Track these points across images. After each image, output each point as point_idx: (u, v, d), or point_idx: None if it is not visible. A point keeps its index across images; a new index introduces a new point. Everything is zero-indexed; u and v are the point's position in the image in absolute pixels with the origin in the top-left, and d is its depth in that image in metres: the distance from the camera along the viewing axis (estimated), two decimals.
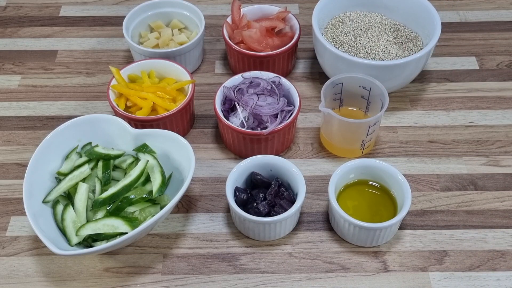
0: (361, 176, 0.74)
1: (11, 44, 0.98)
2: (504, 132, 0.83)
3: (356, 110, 0.83)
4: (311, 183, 0.77)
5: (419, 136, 0.83)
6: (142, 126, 0.77)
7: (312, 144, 0.83)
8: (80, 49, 0.97)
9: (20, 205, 0.74)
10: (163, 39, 0.91)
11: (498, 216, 0.74)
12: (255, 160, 0.73)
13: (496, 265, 0.69)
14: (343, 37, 0.88)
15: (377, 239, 0.69)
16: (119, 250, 0.71)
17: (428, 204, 0.75)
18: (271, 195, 0.70)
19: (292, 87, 0.80)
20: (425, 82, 0.91)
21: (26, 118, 0.86)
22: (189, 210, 0.75)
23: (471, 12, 1.03)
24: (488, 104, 0.87)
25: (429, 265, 0.69)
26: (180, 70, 0.83)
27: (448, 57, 0.95)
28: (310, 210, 0.75)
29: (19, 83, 0.91)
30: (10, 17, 1.04)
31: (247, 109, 0.77)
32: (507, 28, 1.00)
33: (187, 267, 0.69)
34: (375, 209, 0.72)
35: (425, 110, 0.87)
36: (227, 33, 0.89)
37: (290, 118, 0.77)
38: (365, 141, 0.78)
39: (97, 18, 1.04)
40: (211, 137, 0.84)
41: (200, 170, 0.79)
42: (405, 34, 0.89)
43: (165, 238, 0.72)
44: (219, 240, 0.72)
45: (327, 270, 0.69)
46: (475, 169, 0.79)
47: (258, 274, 0.69)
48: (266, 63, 0.87)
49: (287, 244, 0.71)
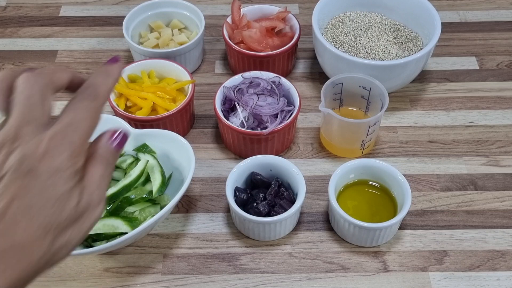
0: (361, 176, 0.74)
1: (11, 44, 0.98)
2: (504, 132, 0.83)
3: (356, 110, 0.83)
4: (311, 183, 0.77)
5: (419, 136, 0.83)
6: (142, 126, 0.77)
7: (312, 144, 0.83)
8: (80, 49, 0.97)
9: None
10: (163, 39, 0.91)
11: (498, 216, 0.74)
12: (255, 160, 0.73)
13: (496, 265, 0.69)
14: (343, 37, 0.88)
15: (377, 239, 0.69)
16: (119, 250, 0.71)
17: (428, 204, 0.75)
18: (271, 195, 0.70)
19: (292, 87, 0.80)
20: (425, 82, 0.91)
21: None
22: (189, 210, 0.75)
23: (471, 12, 1.03)
24: (488, 104, 0.87)
25: (429, 265, 0.69)
26: (180, 70, 0.83)
27: (448, 57, 0.95)
28: (310, 210, 0.75)
29: None
30: (10, 17, 1.04)
31: (247, 109, 0.77)
32: (507, 28, 1.00)
33: (187, 267, 0.69)
34: (375, 209, 0.72)
35: (425, 110, 0.87)
36: (227, 33, 0.89)
37: (290, 118, 0.77)
38: (365, 141, 0.78)
39: (97, 18, 1.04)
40: (211, 137, 0.84)
41: (200, 170, 0.79)
42: (405, 34, 0.89)
43: (165, 238, 0.72)
44: (219, 240, 0.72)
45: (327, 270, 0.69)
46: (475, 169, 0.79)
47: (258, 274, 0.69)
48: (266, 63, 0.87)
49: (287, 244, 0.71)
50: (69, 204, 0.39)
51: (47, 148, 0.38)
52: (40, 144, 0.38)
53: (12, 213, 0.37)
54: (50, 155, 0.38)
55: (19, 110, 0.39)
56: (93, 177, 0.41)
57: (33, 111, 0.39)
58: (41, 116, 0.39)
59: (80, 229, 0.40)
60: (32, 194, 0.37)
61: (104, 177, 0.42)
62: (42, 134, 0.38)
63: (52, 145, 0.38)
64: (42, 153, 0.37)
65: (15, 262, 0.37)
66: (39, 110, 0.39)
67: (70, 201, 0.39)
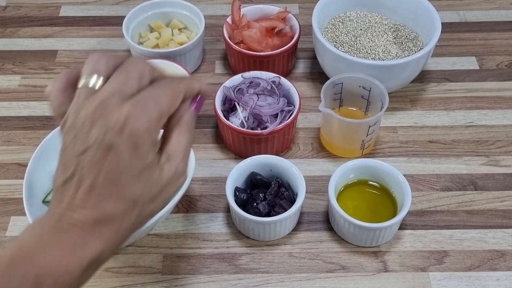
0: (361, 176, 0.74)
1: (11, 44, 0.98)
2: (504, 132, 0.83)
3: (356, 110, 0.83)
4: (311, 183, 0.77)
5: (419, 136, 0.83)
6: None
7: (312, 144, 0.83)
8: (80, 49, 0.97)
9: (20, 205, 0.74)
10: (163, 39, 0.91)
11: (498, 216, 0.74)
12: (255, 160, 0.73)
13: (496, 265, 0.69)
14: (343, 37, 0.88)
15: (377, 239, 0.69)
16: (119, 250, 0.71)
17: (428, 204, 0.75)
18: (271, 195, 0.70)
19: (292, 87, 0.80)
20: (425, 82, 0.91)
21: (26, 118, 0.86)
22: (189, 210, 0.75)
23: (471, 12, 1.03)
24: (488, 104, 0.87)
25: (429, 265, 0.69)
26: (180, 70, 0.83)
27: (448, 57, 0.95)
28: (310, 210, 0.75)
29: (19, 83, 0.91)
30: (10, 17, 1.04)
31: (247, 109, 0.77)
32: (507, 28, 1.00)
33: (187, 267, 0.69)
34: (375, 209, 0.72)
35: (425, 110, 0.87)
36: (227, 33, 0.89)
37: (290, 118, 0.77)
38: (365, 141, 0.78)
39: (97, 18, 1.04)
40: (211, 137, 0.84)
41: (200, 170, 0.79)
42: (405, 34, 0.89)
43: (165, 238, 0.72)
44: (219, 240, 0.72)
45: (327, 270, 0.69)
46: (475, 169, 0.79)
47: (258, 274, 0.69)
48: (266, 63, 0.87)
49: (287, 244, 0.71)
50: (152, 176, 0.41)
51: (126, 120, 0.39)
52: (120, 116, 0.39)
53: (101, 187, 0.39)
54: (130, 126, 0.39)
55: (109, 83, 0.40)
56: (179, 146, 0.42)
57: (123, 85, 0.40)
58: (126, 89, 0.40)
59: (165, 198, 0.42)
60: (116, 169, 0.39)
61: (189, 145, 0.43)
62: (123, 105, 0.39)
63: (131, 115, 0.39)
64: (121, 126, 0.39)
65: (107, 230, 0.40)
66: (129, 85, 0.40)
67: (153, 173, 0.41)
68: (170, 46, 0.91)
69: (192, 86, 0.45)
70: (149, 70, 0.42)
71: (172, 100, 0.42)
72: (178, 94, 0.43)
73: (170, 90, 0.42)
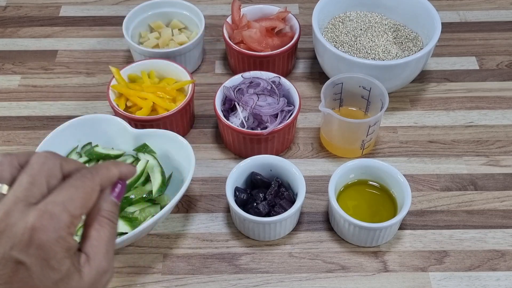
0: (361, 176, 0.74)
1: (11, 44, 0.98)
2: (504, 132, 0.83)
3: (356, 110, 0.83)
4: (311, 183, 0.77)
5: (419, 136, 0.83)
6: (142, 126, 0.77)
7: (312, 144, 0.83)
8: (80, 49, 0.97)
9: None
10: (163, 39, 0.91)
11: (498, 216, 0.74)
12: (255, 160, 0.73)
13: (496, 265, 0.69)
14: (343, 37, 0.88)
15: (377, 239, 0.69)
16: (119, 250, 0.71)
17: (428, 204, 0.75)
18: (271, 195, 0.70)
19: (292, 87, 0.80)
20: (425, 82, 0.91)
21: (26, 118, 0.86)
22: (189, 210, 0.75)
23: (471, 12, 1.03)
24: (488, 104, 0.87)
25: (429, 265, 0.69)
26: (180, 70, 0.83)
27: (448, 57, 0.95)
28: (310, 210, 0.75)
29: (19, 83, 0.91)
30: (10, 17, 1.04)
31: (247, 109, 0.77)
32: (507, 28, 1.00)
33: (187, 267, 0.69)
34: (375, 209, 0.72)
35: (425, 110, 0.87)
36: (227, 33, 0.89)
37: (290, 118, 0.77)
38: (365, 141, 0.78)
39: (97, 18, 1.04)
40: (211, 137, 0.84)
41: (200, 170, 0.79)
42: (405, 34, 0.89)
43: (165, 238, 0.72)
44: (219, 240, 0.72)
45: (327, 270, 0.69)
46: (475, 169, 0.79)
47: (258, 274, 0.69)
48: (266, 63, 0.87)
49: (287, 244, 0.71)
50: (71, 283, 0.37)
51: (32, 232, 0.35)
52: (25, 227, 0.35)
53: None
54: (37, 238, 0.35)
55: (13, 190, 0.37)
56: (100, 242, 0.39)
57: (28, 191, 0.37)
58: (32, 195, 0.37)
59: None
60: (28, 285, 0.35)
61: (111, 239, 0.40)
62: (28, 215, 0.36)
63: (37, 226, 0.35)
64: (27, 239, 0.35)
65: None
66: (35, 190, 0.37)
67: (72, 280, 0.37)
68: (170, 46, 0.91)
69: (109, 175, 0.41)
70: (59, 165, 0.39)
71: (85, 199, 0.38)
72: (93, 190, 0.39)
73: (82, 189, 0.38)
